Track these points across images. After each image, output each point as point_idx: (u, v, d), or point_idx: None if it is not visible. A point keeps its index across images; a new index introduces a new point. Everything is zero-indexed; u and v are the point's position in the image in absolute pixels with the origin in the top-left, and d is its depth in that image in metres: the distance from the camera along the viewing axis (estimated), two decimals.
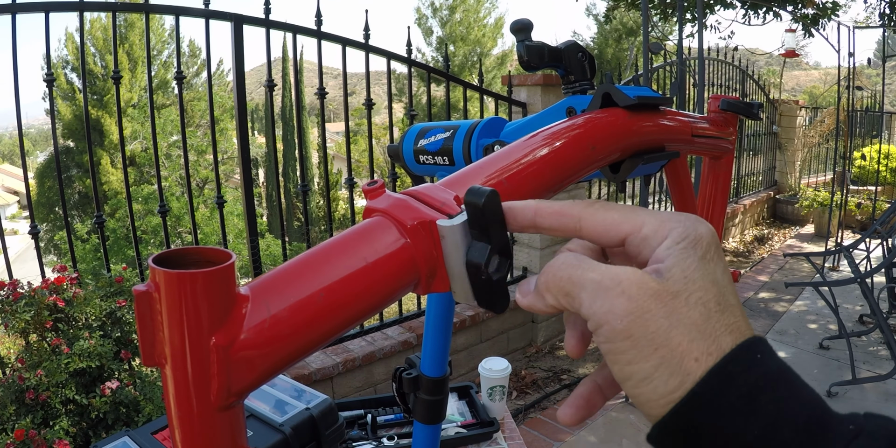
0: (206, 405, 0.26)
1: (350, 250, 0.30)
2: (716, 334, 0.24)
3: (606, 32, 21.21)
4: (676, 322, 0.24)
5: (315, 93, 2.47)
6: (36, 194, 14.33)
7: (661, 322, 0.24)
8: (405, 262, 0.30)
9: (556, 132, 0.41)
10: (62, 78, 14.29)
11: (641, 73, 3.46)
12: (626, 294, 0.25)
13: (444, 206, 0.31)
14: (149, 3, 2.05)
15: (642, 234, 0.27)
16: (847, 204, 5.40)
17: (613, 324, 0.25)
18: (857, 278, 2.71)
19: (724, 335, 0.24)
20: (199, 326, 0.25)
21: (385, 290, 0.30)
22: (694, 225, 0.27)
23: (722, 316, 0.25)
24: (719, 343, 0.24)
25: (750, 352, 0.24)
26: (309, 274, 0.29)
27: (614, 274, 0.26)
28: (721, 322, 0.25)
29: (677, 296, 0.25)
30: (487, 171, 0.36)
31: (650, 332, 0.24)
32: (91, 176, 2.12)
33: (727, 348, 0.24)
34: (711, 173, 0.80)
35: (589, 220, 0.28)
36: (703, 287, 0.25)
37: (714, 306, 0.25)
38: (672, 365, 0.24)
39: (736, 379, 0.23)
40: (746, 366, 0.24)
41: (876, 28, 5.12)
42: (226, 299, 0.26)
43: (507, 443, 1.33)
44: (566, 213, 0.29)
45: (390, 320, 2.82)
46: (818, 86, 32.29)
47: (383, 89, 3.18)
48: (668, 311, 0.24)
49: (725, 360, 0.24)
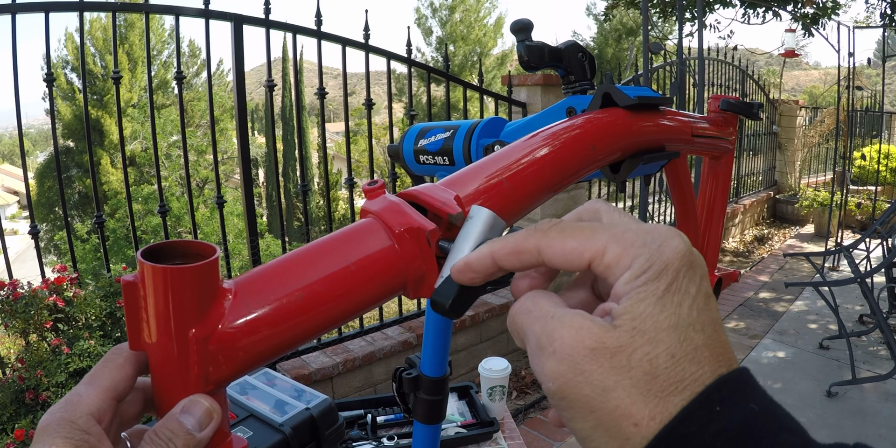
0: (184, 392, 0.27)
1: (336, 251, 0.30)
2: (663, 394, 0.22)
3: (606, 32, 21.21)
4: (614, 383, 0.22)
5: (315, 93, 2.46)
6: (36, 194, 14.33)
7: (596, 384, 0.22)
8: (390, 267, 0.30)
9: (557, 132, 0.41)
10: (62, 78, 14.28)
11: (641, 73, 3.46)
12: (558, 355, 0.23)
13: (445, 206, 0.31)
14: (148, 3, 2.05)
15: (605, 262, 0.25)
16: (847, 204, 5.40)
17: (547, 385, 0.24)
18: (857, 278, 2.71)
19: (675, 394, 0.22)
20: (179, 318, 0.26)
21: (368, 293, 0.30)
22: (660, 248, 0.24)
23: (675, 370, 0.22)
24: (666, 404, 0.22)
25: (708, 403, 0.21)
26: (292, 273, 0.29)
27: (551, 330, 0.24)
28: (673, 378, 0.22)
29: (619, 352, 0.22)
30: (487, 171, 0.36)
31: (584, 394, 0.23)
32: (91, 176, 2.12)
33: (678, 409, 0.22)
34: (711, 173, 0.80)
35: (547, 252, 0.26)
36: (653, 339, 0.22)
37: (665, 361, 0.22)
38: (610, 429, 0.22)
39: (689, 443, 0.21)
40: (700, 424, 0.21)
41: (876, 28, 5.12)
42: (207, 293, 0.27)
43: (507, 443, 1.33)
44: (523, 249, 0.27)
45: (390, 320, 2.82)
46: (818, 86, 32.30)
47: (383, 89, 3.18)
48: (605, 371, 0.22)
49: (675, 421, 0.21)
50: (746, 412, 0.21)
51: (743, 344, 3.43)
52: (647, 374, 0.22)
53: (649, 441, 0.21)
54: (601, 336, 0.23)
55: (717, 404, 0.21)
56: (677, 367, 0.22)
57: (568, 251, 0.25)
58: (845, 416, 2.59)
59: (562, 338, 0.23)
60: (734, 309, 4.06)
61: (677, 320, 0.23)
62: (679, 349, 0.22)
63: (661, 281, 0.23)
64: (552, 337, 0.24)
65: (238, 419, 0.99)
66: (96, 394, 0.27)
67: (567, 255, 0.25)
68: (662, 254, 0.24)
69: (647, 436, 0.21)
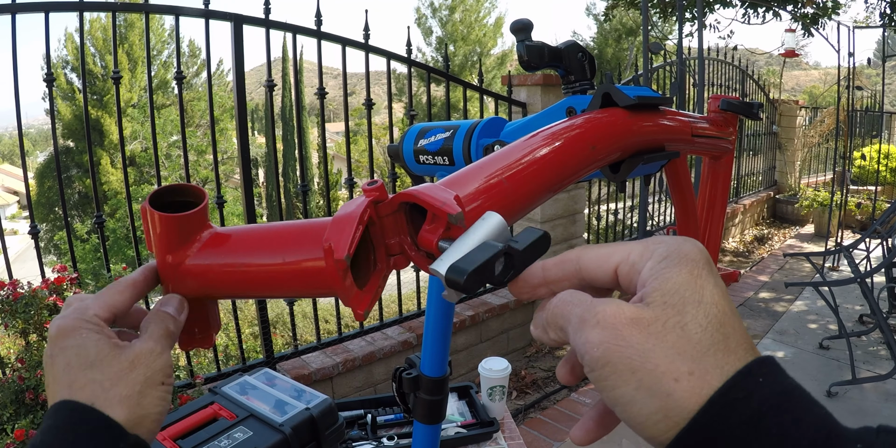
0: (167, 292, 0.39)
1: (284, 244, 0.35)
2: (697, 355, 0.24)
3: (606, 32, 21.22)
4: (653, 346, 0.25)
5: (315, 93, 2.46)
6: (36, 194, 14.33)
7: (637, 347, 0.25)
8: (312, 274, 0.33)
9: (556, 132, 0.41)
10: (62, 78, 14.28)
11: (641, 72, 3.46)
12: (601, 324, 0.26)
13: (445, 205, 0.31)
14: (148, 3, 2.05)
15: (630, 261, 0.28)
16: (847, 204, 5.40)
17: (592, 352, 0.26)
18: (857, 278, 2.71)
19: (708, 355, 0.24)
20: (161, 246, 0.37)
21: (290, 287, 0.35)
22: (679, 244, 0.27)
23: (705, 336, 0.25)
24: (702, 363, 0.24)
25: (752, 376, 0.24)
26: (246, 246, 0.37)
27: (593, 306, 0.27)
28: (704, 342, 0.25)
29: (654, 321, 0.25)
30: (487, 171, 0.36)
31: (626, 357, 0.25)
32: (91, 176, 2.12)
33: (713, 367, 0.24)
34: (711, 173, 0.80)
35: (584, 257, 0.30)
36: (681, 311, 0.25)
37: (694, 328, 0.25)
38: (651, 386, 0.24)
39: (737, 406, 0.23)
40: (749, 391, 0.24)
41: (876, 28, 5.12)
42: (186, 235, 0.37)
43: (507, 443, 1.33)
44: (566, 258, 0.31)
45: (390, 320, 2.82)
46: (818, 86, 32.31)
47: (383, 89, 3.18)
48: (644, 336, 0.25)
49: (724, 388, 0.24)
50: (786, 386, 0.24)
51: None
52: (681, 338, 0.25)
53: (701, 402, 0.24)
54: (637, 311, 0.26)
55: (760, 377, 0.24)
56: (706, 334, 0.25)
57: (601, 254, 0.29)
58: (845, 416, 2.59)
59: (604, 311, 0.26)
60: None
61: (701, 298, 0.26)
62: (705, 320, 0.25)
63: (683, 267, 0.26)
64: (594, 311, 0.26)
65: (238, 419, 0.99)
66: (98, 305, 0.36)
67: (599, 258, 0.29)
68: (681, 247, 0.27)
69: (686, 389, 0.24)
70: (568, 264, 0.31)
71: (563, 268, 0.31)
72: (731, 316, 0.26)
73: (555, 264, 0.31)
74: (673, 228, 0.82)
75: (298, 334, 3.94)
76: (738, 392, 0.24)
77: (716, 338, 0.25)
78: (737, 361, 0.25)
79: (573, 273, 0.30)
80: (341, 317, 2.72)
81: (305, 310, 5.92)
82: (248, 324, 5.42)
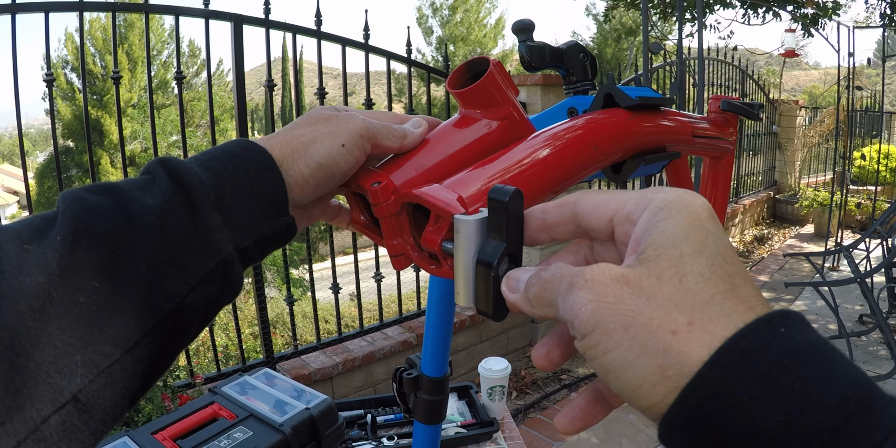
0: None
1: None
2: (698, 304, 0.21)
3: (606, 32, 21.22)
4: (646, 300, 0.22)
5: (315, 93, 2.46)
6: (36, 194, 14.32)
7: (629, 302, 0.22)
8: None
9: (558, 133, 0.41)
10: (62, 78, 14.27)
11: (641, 73, 3.46)
12: (589, 284, 0.23)
13: (448, 206, 0.31)
14: (148, 3, 2.05)
15: (626, 211, 0.26)
16: (847, 204, 5.40)
17: (580, 314, 0.23)
18: (857, 278, 2.71)
19: (714, 304, 0.21)
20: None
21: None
22: (679, 194, 0.24)
23: (706, 285, 0.22)
24: (705, 312, 0.21)
25: (771, 325, 0.21)
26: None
27: (581, 270, 0.24)
28: (706, 291, 0.22)
29: (647, 276, 0.22)
30: (490, 171, 0.36)
31: (616, 313, 0.22)
32: (91, 176, 2.12)
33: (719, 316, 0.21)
34: (711, 173, 0.80)
35: (582, 202, 0.28)
36: (679, 262, 0.22)
37: (694, 277, 0.22)
38: (646, 344, 0.21)
39: (753, 357, 0.20)
40: (768, 341, 0.20)
41: (876, 28, 5.13)
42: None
43: (507, 443, 1.33)
44: (564, 202, 0.29)
45: (390, 320, 2.82)
46: (818, 86, 32.31)
47: (383, 89, 3.18)
48: (636, 290, 0.22)
49: (736, 336, 0.20)
50: (814, 338, 0.21)
51: None
52: (678, 289, 0.22)
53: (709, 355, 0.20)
54: (628, 270, 0.23)
55: (782, 327, 0.21)
56: (709, 283, 0.22)
57: (598, 202, 0.27)
58: None
59: (592, 271, 0.24)
60: None
61: (702, 248, 0.23)
62: (708, 270, 0.22)
63: (682, 217, 0.23)
64: (584, 272, 0.24)
65: (238, 419, 0.99)
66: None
67: (597, 206, 0.27)
68: (682, 198, 0.24)
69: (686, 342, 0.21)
70: (566, 208, 0.28)
71: (562, 211, 0.29)
72: (740, 269, 0.23)
73: (554, 207, 0.29)
74: None
75: (298, 334, 3.93)
76: (753, 341, 0.20)
77: (721, 287, 0.22)
78: (748, 311, 0.21)
79: (570, 217, 0.28)
80: (341, 317, 2.72)
81: (305, 310, 5.92)
82: (248, 324, 5.42)
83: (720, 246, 0.23)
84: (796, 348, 0.20)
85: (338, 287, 2.58)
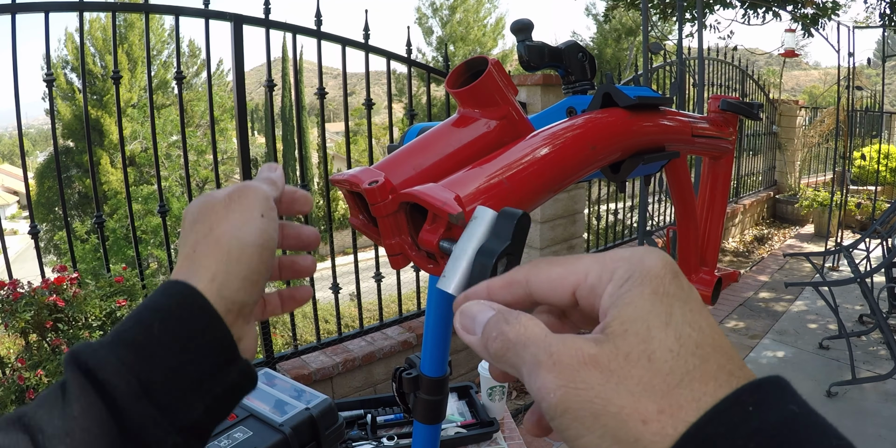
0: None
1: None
2: (668, 388, 0.21)
3: (606, 32, 21.21)
4: (615, 385, 0.21)
5: (315, 93, 2.46)
6: (36, 194, 14.33)
7: (597, 389, 0.21)
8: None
9: (557, 132, 0.41)
10: (62, 78, 14.28)
11: (641, 73, 3.46)
12: (557, 366, 0.22)
13: (446, 205, 0.31)
14: (148, 3, 2.05)
15: (588, 284, 0.24)
16: (847, 204, 5.40)
17: (549, 399, 0.22)
18: (857, 278, 2.71)
19: (683, 386, 0.21)
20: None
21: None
22: (640, 259, 0.24)
23: (677, 363, 0.21)
24: (674, 397, 0.20)
25: (739, 404, 0.20)
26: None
27: (548, 346, 0.23)
28: (676, 370, 0.21)
29: (615, 356, 0.22)
30: (488, 170, 0.36)
31: (586, 401, 0.21)
32: (91, 176, 2.12)
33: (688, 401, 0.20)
34: (711, 173, 0.80)
35: (534, 280, 0.26)
36: (647, 338, 0.22)
37: (663, 354, 0.21)
38: (617, 433, 0.21)
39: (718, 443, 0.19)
40: (734, 424, 0.19)
41: (876, 28, 5.12)
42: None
43: (507, 443, 1.33)
44: (513, 281, 0.27)
45: (390, 320, 2.82)
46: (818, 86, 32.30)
47: (383, 89, 3.18)
48: (605, 375, 0.21)
49: (701, 421, 0.20)
50: (786, 414, 0.20)
51: (743, 344, 3.43)
52: (648, 370, 0.21)
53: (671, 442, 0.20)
54: (597, 348, 0.22)
55: (751, 405, 0.20)
56: (679, 360, 0.21)
57: (554, 278, 0.26)
58: (845, 417, 2.59)
59: (559, 351, 0.23)
60: (734, 309, 4.06)
61: (668, 319, 0.22)
62: (676, 344, 0.21)
63: (646, 286, 0.23)
64: (549, 352, 0.23)
65: (238, 419, 0.99)
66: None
67: (552, 283, 0.26)
68: (643, 263, 0.24)
69: (657, 432, 0.20)
70: (517, 288, 0.27)
71: (512, 291, 0.27)
72: (711, 333, 0.22)
73: (501, 287, 0.27)
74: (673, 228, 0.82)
75: (298, 334, 3.93)
76: (717, 426, 0.19)
77: (691, 363, 0.21)
78: (717, 389, 0.21)
79: (523, 297, 0.27)
80: (341, 317, 2.72)
81: (305, 310, 5.92)
82: None
83: (686, 312, 0.22)
84: (764, 429, 0.19)
85: (338, 287, 2.58)
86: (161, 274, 11.42)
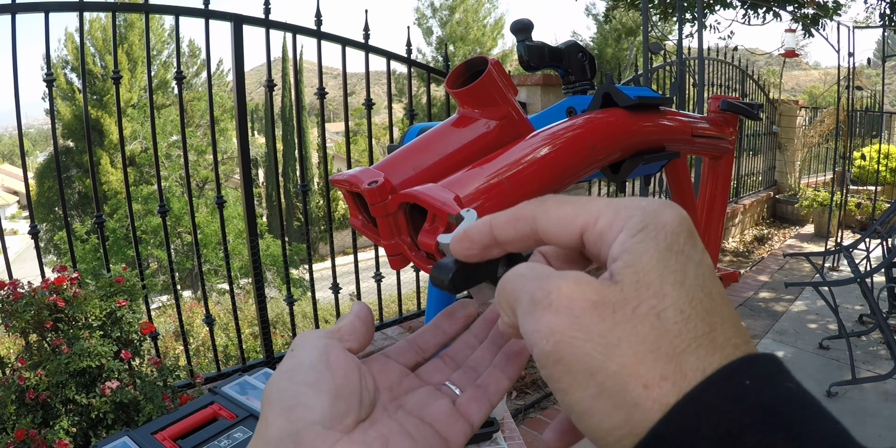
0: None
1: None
2: (674, 352, 0.19)
3: (606, 32, 21.20)
4: (618, 340, 0.19)
5: (315, 93, 2.46)
6: (36, 194, 14.33)
7: (598, 341, 0.19)
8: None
9: (557, 132, 0.41)
10: (62, 78, 14.28)
11: (641, 73, 3.46)
12: (554, 307, 0.20)
13: (445, 206, 0.31)
14: (148, 3, 2.05)
15: (598, 229, 0.22)
16: (847, 204, 5.40)
17: (541, 345, 0.20)
18: (857, 278, 2.71)
19: (689, 353, 0.19)
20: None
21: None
22: (656, 210, 0.22)
23: (686, 326, 0.19)
24: (680, 363, 0.19)
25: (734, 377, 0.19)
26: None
27: (549, 282, 0.21)
28: (685, 335, 0.19)
29: (622, 306, 0.20)
30: (488, 171, 0.36)
31: (583, 352, 0.19)
32: (91, 176, 2.12)
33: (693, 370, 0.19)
34: (711, 173, 0.80)
35: (542, 218, 0.24)
36: (659, 293, 0.20)
37: (674, 316, 0.19)
38: (614, 394, 0.19)
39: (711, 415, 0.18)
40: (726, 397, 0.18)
41: (876, 28, 5.12)
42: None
43: (507, 443, 1.33)
44: (519, 215, 0.25)
45: (390, 320, 2.82)
46: (818, 86, 32.30)
47: (383, 89, 3.18)
48: (608, 326, 0.19)
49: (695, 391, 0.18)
50: (782, 390, 0.19)
51: None
52: (655, 329, 0.19)
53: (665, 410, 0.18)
54: (603, 290, 0.20)
55: (747, 378, 0.19)
56: (689, 324, 0.19)
57: (562, 217, 0.23)
58: (845, 417, 2.59)
59: (559, 289, 0.20)
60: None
61: (683, 278, 0.20)
62: (688, 306, 0.20)
63: (660, 240, 0.21)
64: (548, 290, 0.21)
65: (238, 419, 0.99)
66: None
67: (561, 222, 0.23)
68: (659, 216, 0.21)
69: (658, 399, 0.18)
70: (522, 224, 0.24)
71: (517, 227, 0.25)
72: (721, 301, 0.21)
73: (507, 222, 0.25)
74: None
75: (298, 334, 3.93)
76: (712, 397, 0.18)
77: (700, 329, 0.19)
78: (722, 360, 0.19)
79: (528, 234, 0.24)
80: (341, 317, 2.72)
81: (305, 310, 5.92)
82: (248, 324, 5.42)
83: (699, 275, 0.21)
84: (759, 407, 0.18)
85: (338, 287, 2.58)
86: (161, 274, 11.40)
